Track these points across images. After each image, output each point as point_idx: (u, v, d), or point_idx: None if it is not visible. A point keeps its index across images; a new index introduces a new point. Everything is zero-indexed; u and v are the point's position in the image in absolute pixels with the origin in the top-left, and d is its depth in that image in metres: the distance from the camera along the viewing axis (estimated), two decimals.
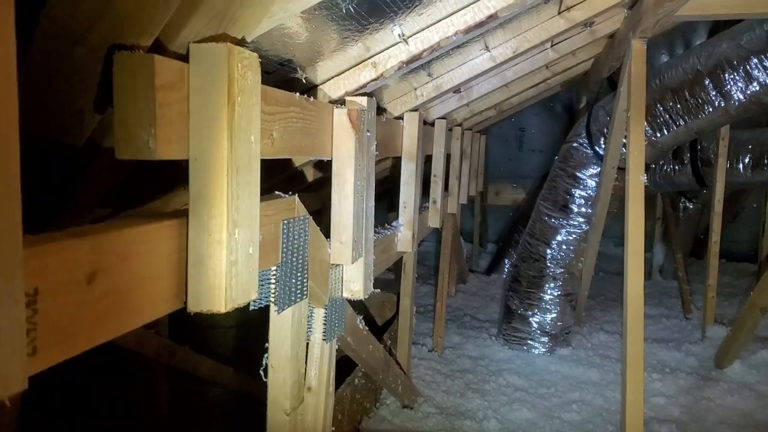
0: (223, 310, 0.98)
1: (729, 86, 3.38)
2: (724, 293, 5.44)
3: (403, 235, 2.60)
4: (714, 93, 3.55)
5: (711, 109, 3.60)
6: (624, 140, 3.55)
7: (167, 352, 2.70)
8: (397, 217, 2.68)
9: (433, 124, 3.26)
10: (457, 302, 5.49)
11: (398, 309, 3.50)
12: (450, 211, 4.16)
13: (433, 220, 3.35)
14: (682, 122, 3.73)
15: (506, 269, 6.16)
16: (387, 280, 5.77)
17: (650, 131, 3.73)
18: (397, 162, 3.39)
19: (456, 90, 3.12)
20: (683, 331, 4.74)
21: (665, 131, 3.79)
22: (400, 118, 2.56)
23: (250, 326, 4.10)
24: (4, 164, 0.57)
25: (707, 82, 3.52)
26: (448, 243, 4.40)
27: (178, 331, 3.01)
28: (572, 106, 6.57)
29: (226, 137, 0.95)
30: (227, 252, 0.97)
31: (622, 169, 3.87)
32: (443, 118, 3.30)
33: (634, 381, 2.25)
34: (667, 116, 3.76)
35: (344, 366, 2.90)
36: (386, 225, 2.56)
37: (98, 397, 3.12)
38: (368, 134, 1.78)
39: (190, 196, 0.96)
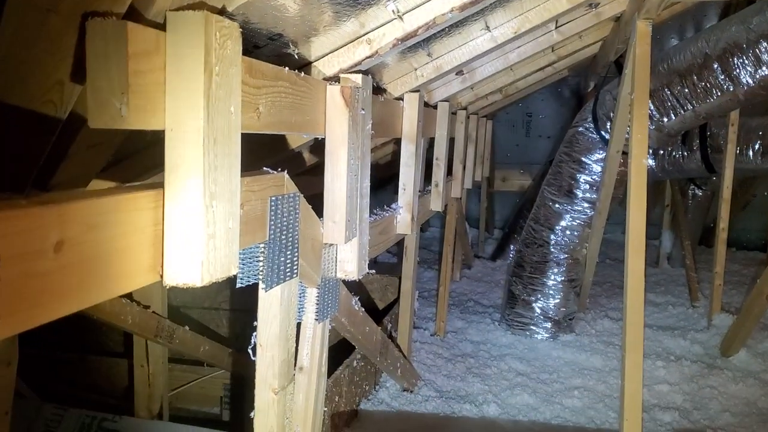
0: (199, 284, 0.97)
1: (738, 70, 3.32)
2: (732, 282, 5.39)
3: (403, 218, 2.58)
4: (722, 77, 3.49)
5: (719, 94, 3.54)
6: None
7: (167, 333, 2.70)
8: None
9: (435, 107, 3.23)
10: (462, 287, 5.48)
11: (399, 292, 3.49)
12: (454, 195, 4.13)
13: (435, 204, 3.32)
14: (689, 107, 3.67)
15: (511, 255, 6.13)
16: (391, 263, 5.79)
17: (657, 116, 3.68)
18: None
19: (458, 72, 3.09)
20: (689, 319, 4.70)
21: (672, 116, 3.74)
22: (401, 98, 2.53)
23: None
24: None
25: (716, 66, 3.46)
26: (451, 227, 4.38)
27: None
28: (581, 90, 6.51)
29: (203, 107, 0.93)
30: (204, 225, 0.96)
31: (627, 154, 3.84)
32: (446, 100, 3.26)
33: (633, 365, 2.23)
34: (675, 101, 3.70)
35: (345, 348, 2.90)
36: (385, 207, 2.54)
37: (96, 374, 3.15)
38: (363, 112, 1.75)
39: (166, 168, 0.95)
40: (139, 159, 1.98)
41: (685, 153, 4.93)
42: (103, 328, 3.40)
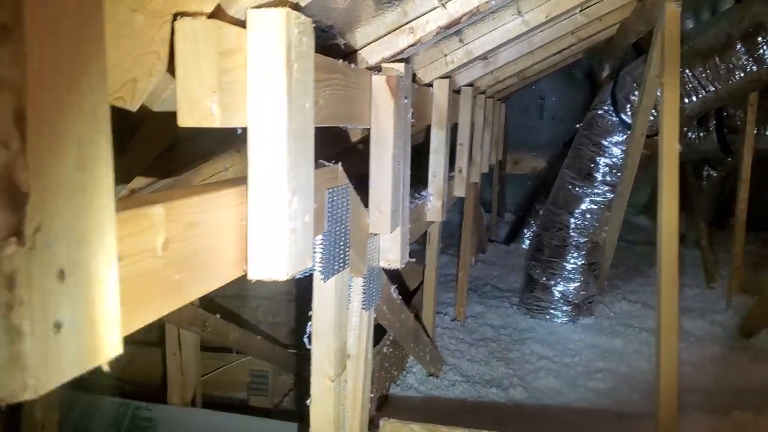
0: (284, 278, 0.98)
1: (762, 50, 3.31)
2: (748, 263, 5.39)
3: (433, 205, 2.59)
4: (746, 57, 3.49)
5: (742, 74, 3.54)
6: (654, 106, 3.51)
7: (200, 321, 2.73)
8: (425, 187, 2.66)
9: (457, 92, 3.23)
10: (477, 272, 5.49)
11: (423, 278, 3.51)
12: (473, 180, 4.13)
13: (459, 189, 3.33)
14: (711, 88, 3.66)
15: (526, 239, 6.14)
16: (411, 249, 5.78)
17: None
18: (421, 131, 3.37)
19: (483, 57, 3.08)
20: (707, 300, 4.71)
21: (693, 97, 3.73)
22: (430, 85, 2.53)
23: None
24: (97, 129, 0.57)
25: (739, 46, 3.45)
26: (470, 212, 4.39)
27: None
28: (593, 73, 6.47)
29: (286, 104, 0.94)
30: (288, 219, 0.97)
31: (648, 137, 3.84)
32: (469, 85, 3.26)
33: (668, 347, 2.25)
34: (696, 82, 3.69)
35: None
36: (416, 195, 2.55)
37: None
38: (405, 101, 1.76)
39: (249, 165, 0.96)
40: (175, 154, 1.99)
41: (701, 134, 4.92)
42: None
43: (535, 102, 7.15)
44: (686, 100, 3.71)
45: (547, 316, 4.32)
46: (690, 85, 3.66)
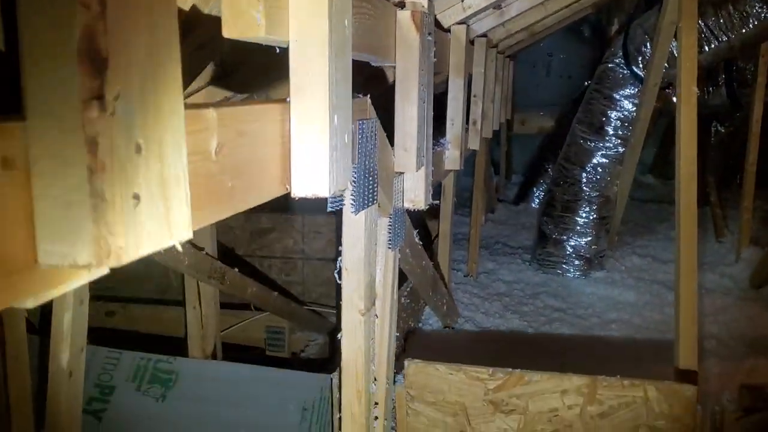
0: (327, 195, 0.98)
1: None
2: (756, 217, 5.39)
3: (451, 153, 2.58)
4: (760, 5, 3.44)
5: (756, 23, 3.50)
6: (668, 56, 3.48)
7: (219, 274, 2.75)
8: (441, 136, 2.65)
9: (471, 43, 3.19)
10: (488, 230, 5.50)
11: (438, 232, 3.52)
12: (485, 135, 4.11)
13: (474, 142, 3.31)
14: (724, 38, 3.62)
15: (535, 198, 6.14)
16: None
17: None
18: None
19: (496, 5, 3.04)
20: (716, 254, 4.72)
21: (706, 48, 3.69)
22: (447, 31, 2.50)
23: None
24: (166, 8, 0.56)
25: None
26: (482, 169, 4.38)
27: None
28: (602, 28, 6.40)
29: (328, 17, 0.93)
30: (329, 136, 0.97)
31: (661, 89, 3.81)
32: (483, 36, 3.22)
33: (688, 292, 2.26)
34: (709, 32, 3.65)
35: None
36: (434, 143, 2.54)
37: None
38: (429, 38, 1.74)
39: (291, 80, 0.95)
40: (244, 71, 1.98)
41: (710, 88, 4.88)
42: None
43: (542, 60, 7.06)
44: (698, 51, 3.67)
45: (559, 271, 4.34)
46: (703, 36, 3.62)
